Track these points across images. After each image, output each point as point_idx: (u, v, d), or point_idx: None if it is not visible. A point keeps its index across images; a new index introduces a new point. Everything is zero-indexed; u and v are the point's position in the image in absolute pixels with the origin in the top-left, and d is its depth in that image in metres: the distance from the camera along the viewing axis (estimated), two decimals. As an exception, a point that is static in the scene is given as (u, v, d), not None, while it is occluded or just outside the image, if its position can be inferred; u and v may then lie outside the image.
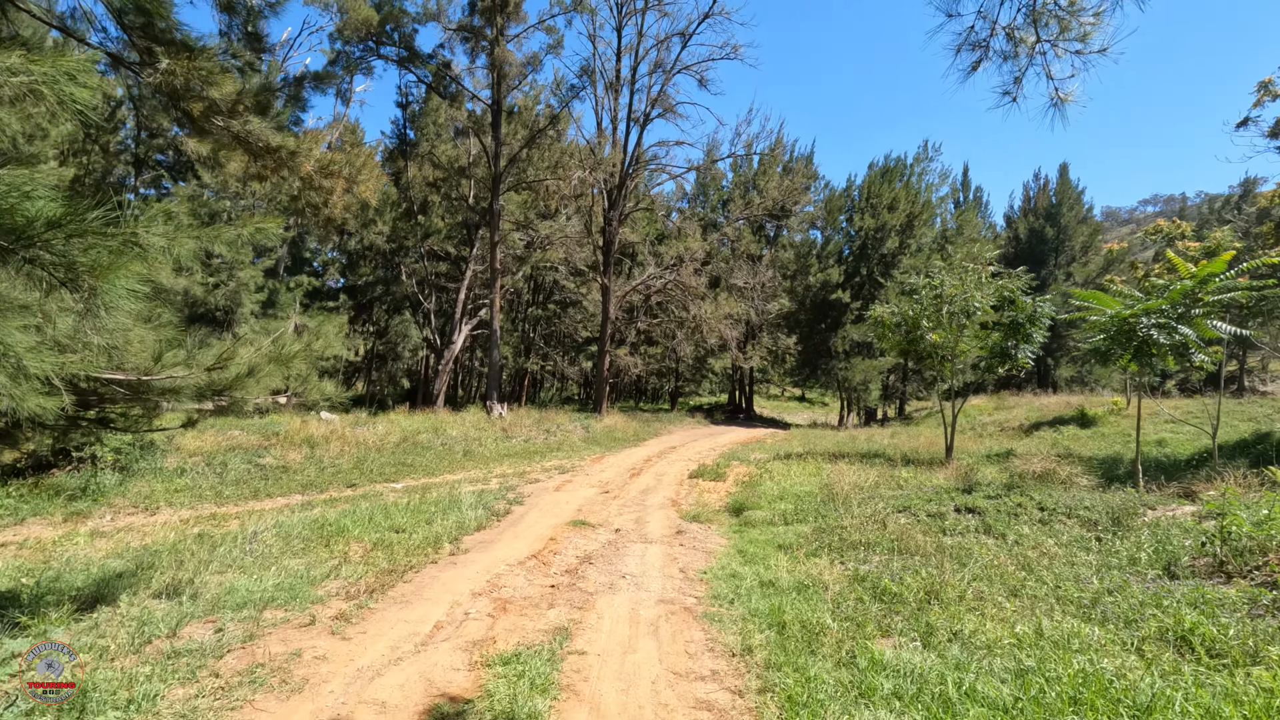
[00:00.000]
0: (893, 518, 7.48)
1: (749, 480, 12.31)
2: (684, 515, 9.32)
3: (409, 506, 9.23)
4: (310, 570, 5.59)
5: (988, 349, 15.96)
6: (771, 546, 6.82)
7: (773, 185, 30.89)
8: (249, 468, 12.43)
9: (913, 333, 16.13)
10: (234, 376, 4.71)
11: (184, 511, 10.06)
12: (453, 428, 18.34)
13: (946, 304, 15.59)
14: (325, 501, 10.59)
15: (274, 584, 5.01)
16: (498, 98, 26.10)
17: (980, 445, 20.00)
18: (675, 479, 13.47)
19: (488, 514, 9.17)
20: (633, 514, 9.55)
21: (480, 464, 15.01)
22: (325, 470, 12.99)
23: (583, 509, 9.84)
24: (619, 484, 12.61)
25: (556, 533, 7.86)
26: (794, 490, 10.48)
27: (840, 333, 31.16)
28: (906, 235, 31.89)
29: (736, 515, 9.36)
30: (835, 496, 9.42)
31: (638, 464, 15.85)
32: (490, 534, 7.91)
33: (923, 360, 17.41)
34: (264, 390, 4.99)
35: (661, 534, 7.94)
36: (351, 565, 5.99)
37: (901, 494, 9.32)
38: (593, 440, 20.39)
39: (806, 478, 11.76)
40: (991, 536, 6.73)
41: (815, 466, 13.35)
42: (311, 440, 14.47)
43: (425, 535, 7.34)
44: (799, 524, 8.10)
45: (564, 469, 14.51)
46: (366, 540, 7.24)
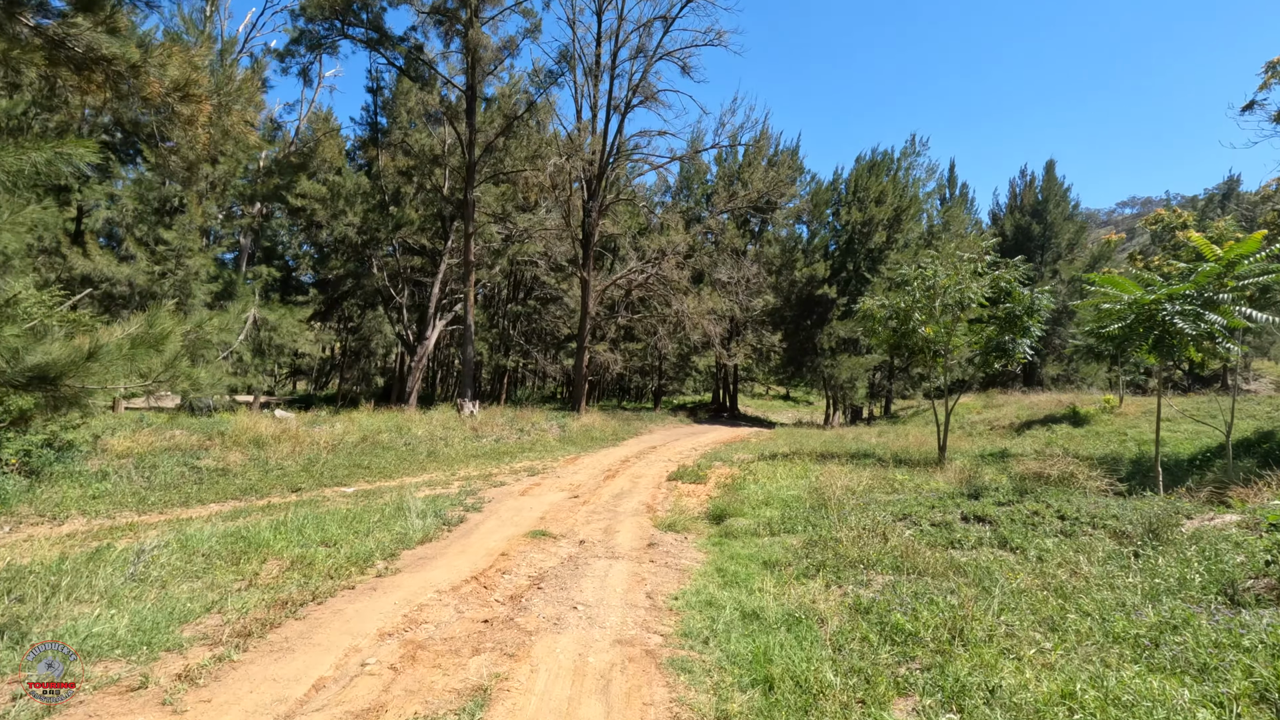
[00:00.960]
0: (893, 528, 6.56)
1: (732, 483, 11.37)
2: (659, 524, 8.36)
3: (349, 515, 8.19)
4: (190, 601, 4.55)
5: (982, 343, 15.17)
6: (756, 563, 5.88)
7: (758, 177, 30.02)
8: (184, 470, 11.29)
9: (903, 326, 15.29)
10: (67, 361, 3.65)
11: (99, 521, 8.94)
12: (419, 427, 17.25)
13: (940, 296, 14.77)
14: (262, 509, 9.50)
15: (129, 623, 3.97)
16: (472, 83, 24.98)
17: (972, 445, 19.26)
18: (652, 482, 12.51)
19: (438, 523, 8.14)
20: (602, 522, 8.57)
21: (444, 466, 13.96)
22: (270, 473, 11.87)
23: (546, 517, 8.84)
24: (591, 487, 11.62)
25: (510, 546, 6.86)
26: (780, 495, 9.56)
27: (826, 329, 30.38)
28: (894, 230, 31.18)
29: (717, 523, 8.41)
30: (826, 502, 8.51)
31: (614, 465, 14.88)
32: (434, 548, 6.89)
33: (914, 356, 16.59)
34: (114, 379, 3.94)
35: (631, 547, 6.97)
36: (251, 592, 4.96)
37: (899, 499, 8.43)
38: (568, 440, 19.37)
39: (793, 480, 10.85)
40: (1009, 551, 5.83)
41: (802, 468, 12.45)
42: (260, 440, 13.33)
43: (355, 550, 6.32)
44: (787, 535, 7.16)
45: (534, 471, 13.50)
46: (286, 557, 6.21)
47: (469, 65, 24.54)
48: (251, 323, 20.51)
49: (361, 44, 23.42)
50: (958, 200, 43.74)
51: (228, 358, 19.50)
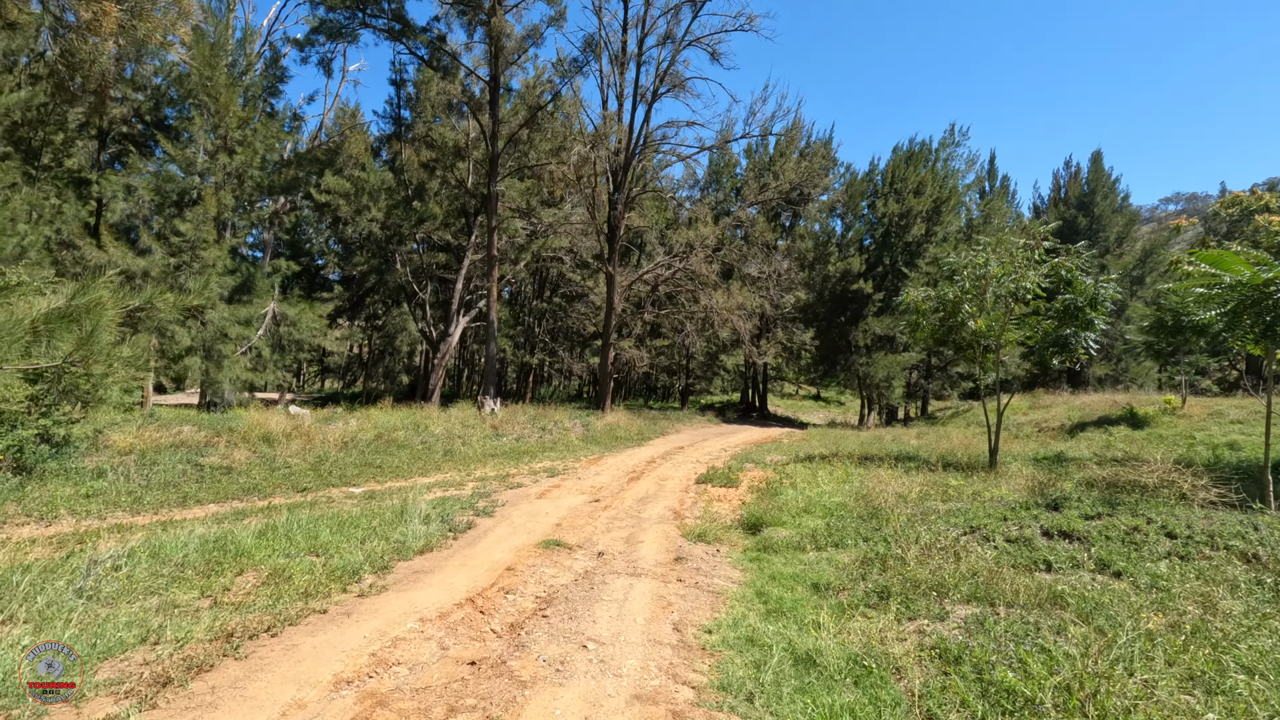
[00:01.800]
0: (963, 544, 5.58)
1: (766, 487, 10.42)
2: (687, 533, 7.48)
3: (347, 520, 7.46)
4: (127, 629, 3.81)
5: (1037, 338, 13.95)
6: (803, 586, 4.97)
7: (790, 168, 28.87)
8: (186, 468, 10.73)
9: (951, 319, 14.13)
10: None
11: (89, 522, 8.37)
12: (437, 424, 16.60)
13: (992, 286, 13.61)
14: (262, 510, 8.86)
15: (6, 668, 3.21)
16: (495, 73, 24.35)
17: (1022, 448, 17.96)
18: (680, 484, 11.62)
19: (443, 530, 7.37)
20: (623, 530, 7.71)
21: (460, 465, 13.25)
22: (276, 472, 11.26)
23: (563, 523, 8.02)
24: (613, 490, 10.78)
25: (519, 558, 6.04)
26: (823, 501, 8.60)
27: (861, 325, 29.09)
28: (933, 222, 29.76)
29: (753, 533, 7.50)
30: (877, 511, 7.54)
31: (639, 466, 14.02)
32: (434, 559, 6.11)
33: (961, 351, 15.41)
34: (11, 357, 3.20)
35: (656, 561, 6.10)
36: (208, 614, 4.21)
37: (959, 508, 7.41)
38: (592, 439, 18.57)
39: (836, 485, 9.86)
40: (1112, 576, 4.82)
41: (844, 471, 11.44)
42: (269, 437, 12.78)
43: (343, 562, 5.56)
44: (836, 549, 6.22)
45: (554, 472, 12.71)
46: (265, 568, 5.48)
47: (492, 55, 23.91)
48: (271, 318, 20.12)
49: (383, 34, 22.93)
50: (998, 193, 42.00)
51: (246, 353, 19.12)
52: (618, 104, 26.14)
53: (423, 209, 27.98)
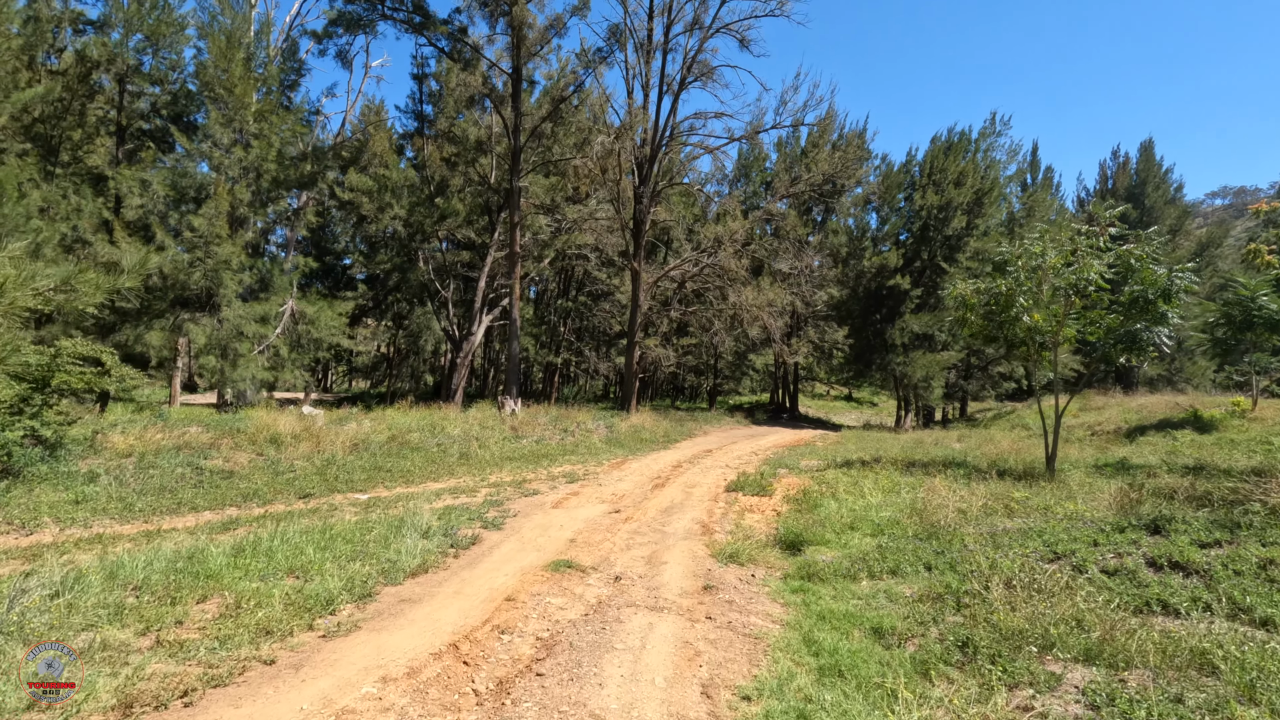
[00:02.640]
0: (1052, 576, 4.60)
1: (804, 497, 9.47)
2: (717, 552, 6.59)
3: (340, 533, 6.73)
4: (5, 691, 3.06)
5: (1099, 333, 12.73)
6: (862, 630, 4.06)
7: (823, 158, 27.70)
8: (186, 472, 10.17)
9: (1004, 314, 13.00)
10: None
11: (73, 530, 7.82)
12: (454, 425, 15.95)
13: (1050, 276, 12.46)
14: (257, 519, 8.22)
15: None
16: (517, 65, 23.69)
17: (1078, 453, 16.64)
18: (708, 492, 10.72)
19: (444, 545, 6.61)
20: (645, 547, 6.86)
21: (476, 470, 12.54)
22: (280, 476, 10.65)
23: (579, 539, 7.19)
24: (636, 499, 9.92)
25: (522, 584, 5.23)
26: (870, 516, 7.63)
27: (898, 323, 27.78)
28: (974, 215, 28.30)
29: (792, 553, 6.59)
30: (936, 530, 6.57)
31: (664, 471, 13.15)
32: (426, 583, 5.33)
33: (1013, 349, 14.25)
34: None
35: (681, 589, 5.23)
36: (132, 661, 3.47)
37: (1032, 527, 6.41)
38: (615, 442, 17.75)
39: (883, 496, 8.87)
40: (1257, 625, 3.81)
41: (889, 479, 10.42)
42: (278, 439, 12.21)
43: (320, 589, 4.81)
44: (894, 578, 5.29)
45: (574, 477, 11.91)
46: (232, 594, 4.75)
47: (514, 46, 23.26)
48: (289, 315, 19.71)
49: (403, 25, 22.43)
50: (1041, 185, 40.19)
51: (264, 352, 18.71)
52: (643, 95, 25.30)
53: (445, 206, 27.48)
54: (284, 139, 17.93)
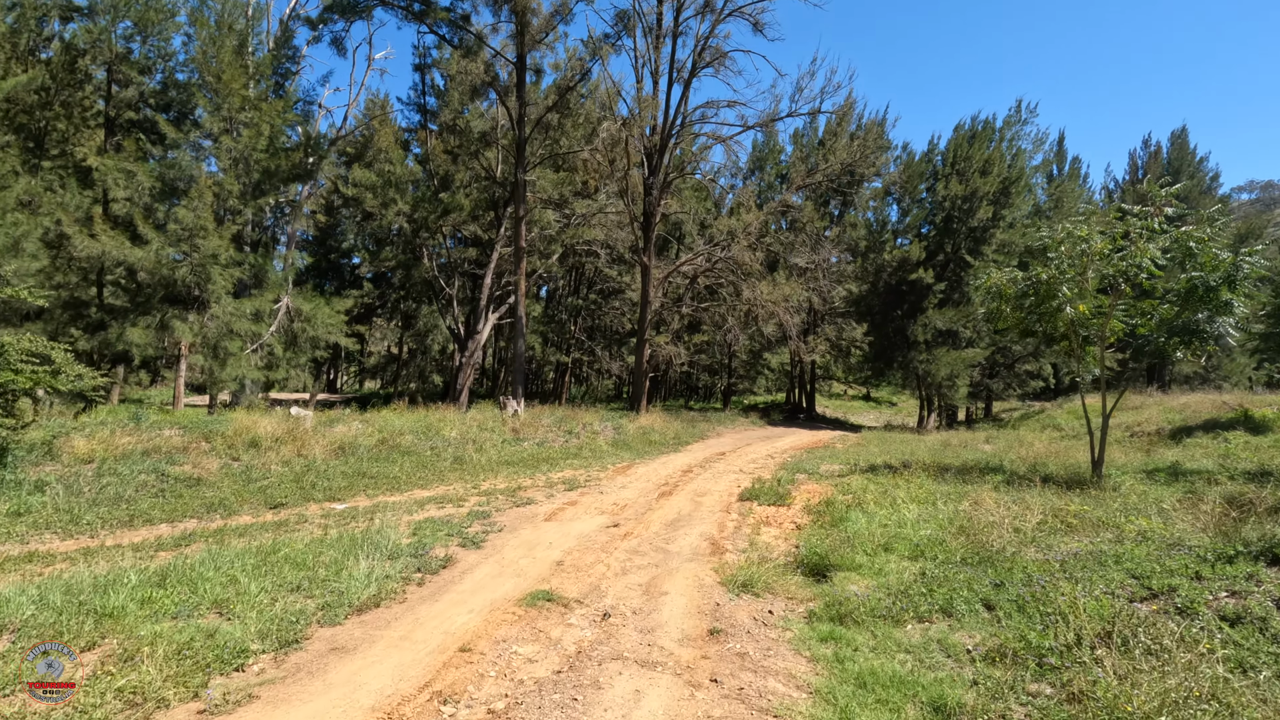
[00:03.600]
0: (1163, 627, 3.55)
1: (827, 508, 8.43)
2: (728, 579, 5.60)
3: (289, 556, 5.81)
4: None
5: (1149, 325, 11.55)
6: (919, 708, 3.03)
7: (841, 146, 26.53)
8: (149, 479, 9.34)
9: (1044, 304, 11.86)
10: None
11: (7, 547, 6.98)
12: (452, 427, 15.07)
13: (1097, 263, 11.32)
14: (216, 533, 7.35)
15: None
16: (521, 53, 22.82)
17: (1123, 456, 15.39)
18: (720, 501, 9.71)
19: (410, 569, 5.68)
20: (644, 571, 5.88)
21: (469, 475, 11.62)
22: (252, 484, 9.79)
23: (568, 560, 6.22)
24: (639, 509, 8.94)
25: (487, 627, 4.27)
26: (907, 534, 6.58)
27: (921, 319, 26.53)
28: (1000, 205, 26.96)
29: (817, 579, 5.58)
30: (988, 552, 5.53)
31: (673, 476, 12.16)
32: (373, 622, 4.39)
33: (1053, 344, 13.11)
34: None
35: (683, 633, 4.25)
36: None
37: (1105, 551, 5.36)
38: (623, 444, 16.78)
39: (918, 508, 7.81)
40: None
41: (922, 487, 9.34)
42: (258, 442, 11.38)
43: (238, 634, 3.89)
44: (947, 620, 4.27)
45: (573, 484, 10.96)
46: (125, 638, 3.85)
47: (518, 33, 22.37)
48: (284, 312, 18.95)
49: (402, 12, 21.61)
50: (1069, 175, 38.66)
51: (257, 350, 17.96)
52: (653, 83, 24.31)
53: (449, 200, 26.68)
54: (276, 128, 17.14)
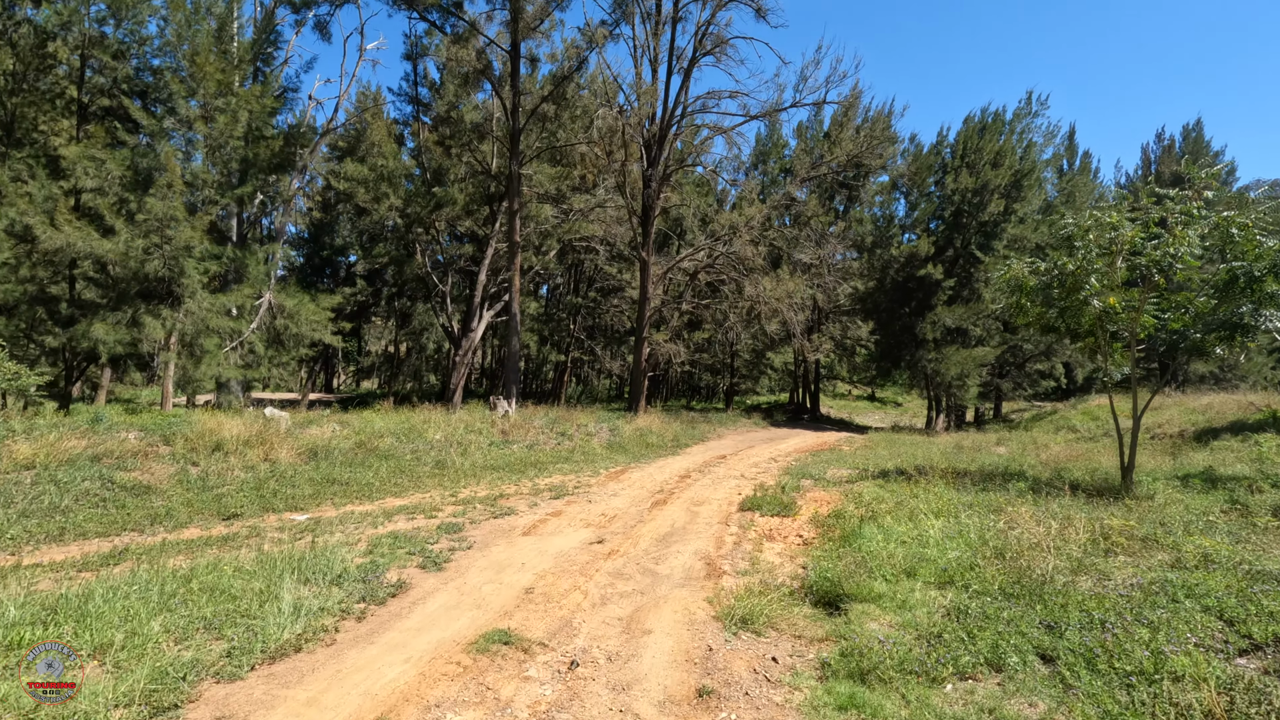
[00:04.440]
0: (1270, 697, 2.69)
1: (837, 520, 7.58)
2: (724, 612, 4.75)
3: (210, 582, 4.97)
4: None
5: (1183, 319, 10.66)
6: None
7: (847, 138, 25.63)
8: (93, 487, 8.52)
9: (1070, 297, 10.97)
10: None
11: (-90, 566, 6.14)
12: (436, 429, 14.25)
13: (1127, 252, 10.45)
14: (152, 550, 6.55)
15: None
16: (515, 41, 21.99)
17: (1150, 460, 14.50)
18: (718, 511, 8.86)
19: (351, 599, 4.85)
20: (627, 601, 5.04)
21: (449, 481, 10.79)
22: (207, 491, 8.97)
23: (540, 586, 5.38)
24: (628, 521, 8.09)
25: (422, 684, 3.43)
26: (931, 554, 5.73)
27: (929, 317, 25.61)
28: (1012, 199, 26.03)
29: (829, 611, 4.74)
30: (1030, 580, 4.67)
31: (669, 482, 11.31)
32: (281, 677, 3.56)
33: (1078, 340, 12.21)
34: None
35: (665, 692, 3.42)
36: None
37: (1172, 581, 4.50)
38: (618, 447, 15.94)
39: (940, 522, 6.93)
40: None
41: (941, 497, 8.46)
42: (222, 445, 10.55)
43: (84, 709, 3.06)
44: (996, 677, 3.42)
45: (561, 491, 10.12)
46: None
47: (511, 19, 21.55)
48: (267, 309, 18.15)
49: None
50: (1079, 170, 37.73)
51: (236, 348, 17.16)
52: (651, 71, 23.47)
53: (443, 194, 25.86)
54: (255, 115, 16.32)
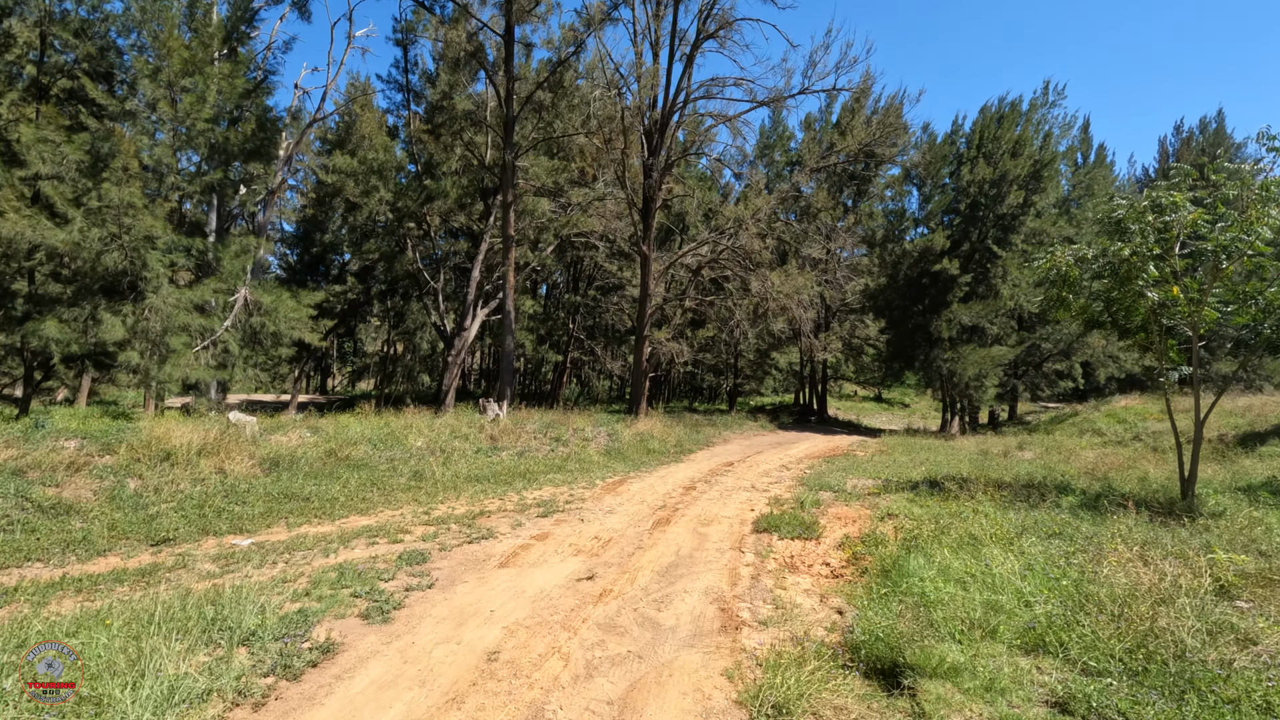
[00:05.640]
0: None
1: (872, 546, 6.40)
2: (749, 694, 3.55)
3: (64, 653, 3.77)
4: None
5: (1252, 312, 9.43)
6: None
7: (859, 125, 24.41)
8: (7, 506, 7.32)
9: (1124, 287, 9.76)
10: None
11: None
12: (419, 435, 13.08)
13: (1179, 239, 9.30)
14: (46, 588, 5.36)
15: None
16: (509, 24, 20.81)
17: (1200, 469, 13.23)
18: (729, 533, 7.66)
19: (256, 670, 3.68)
20: (619, 673, 3.83)
21: (426, 495, 9.60)
22: (140, 511, 7.78)
23: (506, 649, 4.18)
24: (626, 547, 6.89)
25: None
26: (1009, 605, 4.51)
27: (945, 314, 24.36)
28: (1031, 190, 24.79)
29: (887, 688, 3.55)
30: (1160, 647, 3.46)
31: (672, 495, 10.11)
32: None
33: (1129, 335, 10.99)
34: None
35: None
36: None
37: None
38: (617, 453, 14.74)
39: (1001, 553, 5.70)
40: None
41: (989, 517, 7.24)
42: (171, 455, 9.37)
43: None
44: None
45: (550, 507, 8.92)
46: None
47: (505, 1, 20.39)
48: (242, 305, 16.97)
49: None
50: (1095, 163, 36.47)
51: (207, 347, 15.98)
52: (653, 55, 22.29)
53: (434, 186, 24.70)
54: (225, 96, 15.14)
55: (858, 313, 30.27)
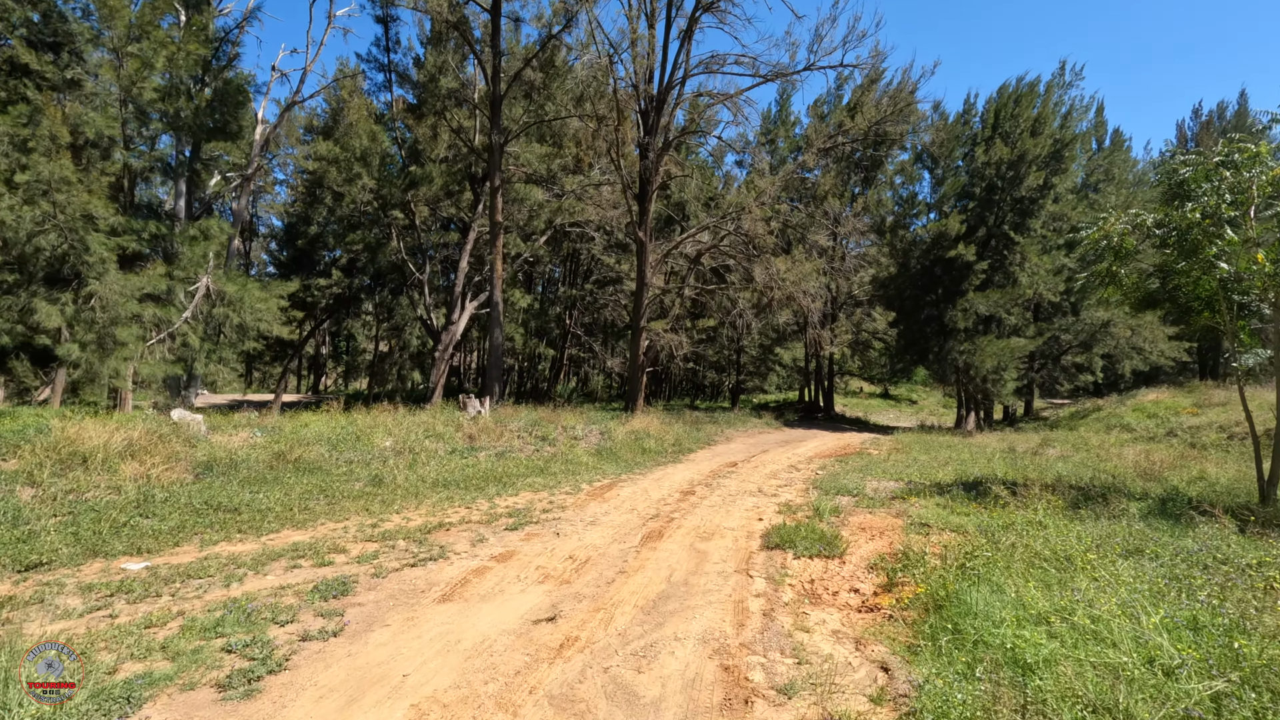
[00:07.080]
0: None
1: (911, 567, 5.05)
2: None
3: None
4: None
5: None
6: None
7: (868, 102, 23.01)
8: None
9: (1192, 257, 8.38)
10: None
11: None
12: (387, 433, 11.74)
13: (1257, 201, 7.95)
14: None
15: None
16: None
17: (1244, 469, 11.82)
18: (734, 551, 6.30)
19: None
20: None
21: (380, 504, 8.23)
22: (18, 526, 6.42)
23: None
24: (606, 570, 5.53)
25: None
26: (1133, 669, 3.11)
27: (960, 303, 22.94)
28: (1052, 171, 23.35)
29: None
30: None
31: (668, 502, 8.74)
32: None
33: (1190, 316, 9.61)
34: None
35: None
36: None
37: None
38: (608, 453, 13.37)
39: (1092, 585, 4.32)
40: None
41: (1057, 526, 5.86)
42: (87, 458, 8.04)
43: None
44: None
45: (523, 518, 7.56)
46: None
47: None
48: (204, 295, 15.64)
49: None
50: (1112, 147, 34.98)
51: (164, 340, 14.66)
52: (649, 27, 20.88)
53: (418, 172, 23.37)
54: (175, 62, 13.79)
55: (865, 305, 28.86)
